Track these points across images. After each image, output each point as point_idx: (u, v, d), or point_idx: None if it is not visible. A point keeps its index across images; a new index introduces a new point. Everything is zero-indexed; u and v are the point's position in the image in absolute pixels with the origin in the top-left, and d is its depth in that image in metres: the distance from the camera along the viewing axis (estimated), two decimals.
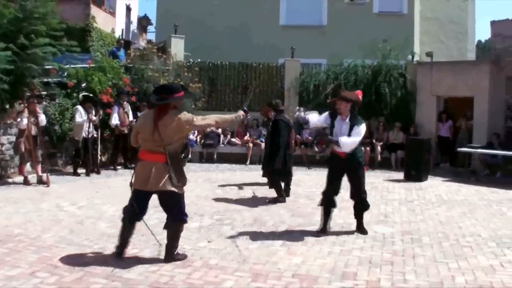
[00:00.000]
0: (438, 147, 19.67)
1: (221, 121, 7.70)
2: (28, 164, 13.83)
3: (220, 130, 19.99)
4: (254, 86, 18.94)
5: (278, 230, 9.22)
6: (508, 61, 18.39)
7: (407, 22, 26.36)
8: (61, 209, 10.46)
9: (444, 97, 20.19)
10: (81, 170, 15.23)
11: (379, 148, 18.74)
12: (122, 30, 32.67)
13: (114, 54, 19.80)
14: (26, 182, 13.32)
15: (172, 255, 7.24)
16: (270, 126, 12.68)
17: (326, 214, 9.10)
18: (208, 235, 8.63)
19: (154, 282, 6.36)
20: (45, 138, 14.72)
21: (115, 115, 16.20)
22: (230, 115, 7.84)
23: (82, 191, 12.53)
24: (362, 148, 10.61)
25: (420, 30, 28.26)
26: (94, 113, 15.38)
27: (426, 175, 16.17)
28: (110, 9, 30.88)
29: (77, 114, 15.09)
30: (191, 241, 8.21)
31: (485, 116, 18.27)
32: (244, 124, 20.31)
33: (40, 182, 13.42)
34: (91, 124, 15.19)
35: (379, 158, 18.79)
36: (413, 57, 21.19)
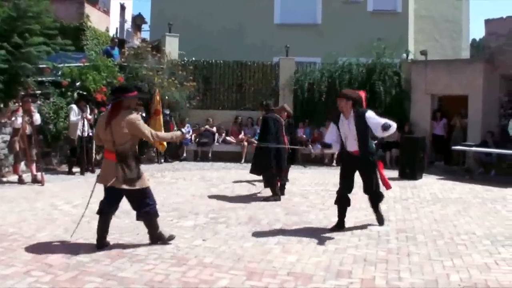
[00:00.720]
0: (432, 146, 19.71)
1: (170, 137, 8.84)
2: (22, 163, 13.84)
3: (214, 129, 20.01)
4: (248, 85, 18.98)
5: (273, 228, 9.21)
6: (502, 59, 18.42)
7: (402, 21, 26.41)
8: (55, 208, 10.46)
9: (438, 95, 20.22)
10: (75, 169, 15.21)
11: (374, 146, 18.75)
12: (116, 28, 32.65)
13: (108, 53, 19.79)
14: (21, 181, 13.30)
15: (155, 238, 7.82)
16: (260, 124, 12.78)
17: (341, 212, 9.16)
18: (202, 234, 8.62)
19: (149, 281, 6.35)
20: (39, 137, 14.71)
21: None
22: (171, 133, 9.00)
23: (76, 190, 12.51)
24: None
25: (414, 29, 28.30)
26: (89, 111, 15.35)
27: (420, 173, 16.19)
28: (104, 7, 30.87)
29: (71, 113, 15.07)
30: (186, 239, 8.20)
31: (479, 114, 18.31)
32: (238, 122, 20.37)
33: (34, 181, 13.41)
34: (86, 122, 15.16)
35: None
36: (407, 55, 21.21)
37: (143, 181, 7.61)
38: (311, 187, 13.87)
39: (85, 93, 16.01)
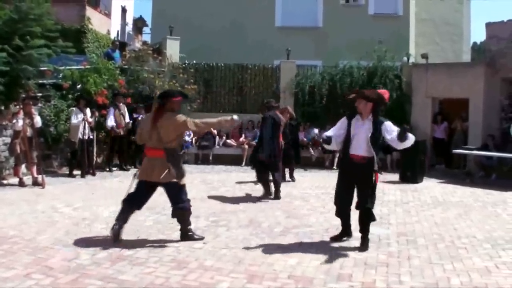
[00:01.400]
0: (433, 149, 19.72)
1: (214, 123, 8.88)
2: (23, 165, 13.83)
3: (215, 132, 20.00)
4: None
5: (273, 231, 9.20)
6: (503, 62, 18.42)
7: (403, 24, 26.42)
8: (56, 210, 10.44)
9: (439, 98, 20.21)
10: (76, 172, 15.21)
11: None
12: (118, 31, 32.70)
13: (110, 56, 19.77)
14: (21, 184, 13.30)
15: (186, 235, 8.35)
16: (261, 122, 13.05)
17: (344, 225, 8.59)
18: (203, 236, 8.62)
19: (150, 284, 6.35)
20: (40, 139, 14.71)
21: (111, 117, 16.18)
22: (218, 119, 8.67)
23: (77, 193, 12.51)
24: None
25: (415, 32, 28.29)
26: (89, 114, 15.34)
27: (421, 177, 16.19)
28: (106, 10, 30.90)
29: (72, 116, 15.06)
30: (187, 242, 8.19)
31: (480, 117, 18.30)
32: (238, 126, 20.36)
33: (35, 183, 13.39)
34: (87, 125, 15.15)
35: None
36: (408, 58, 21.24)
37: (184, 177, 8.35)
38: (312, 190, 13.87)
39: (85, 95, 15.97)
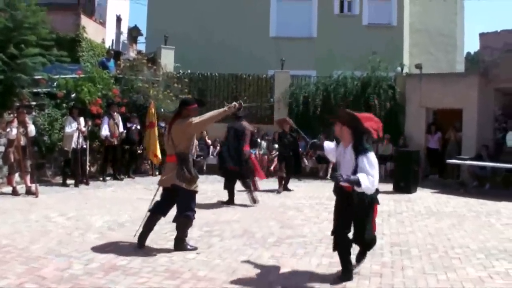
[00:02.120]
0: (427, 159, 19.75)
1: (215, 114, 8.83)
2: (16, 174, 13.79)
3: (209, 142, 20.00)
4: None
5: (267, 241, 9.19)
6: (496, 73, 18.49)
7: (397, 34, 26.53)
8: (49, 220, 10.41)
9: (433, 109, 20.27)
10: (70, 181, 15.18)
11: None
12: (112, 40, 32.65)
13: (104, 65, 19.78)
14: (15, 193, 13.26)
15: (180, 245, 8.35)
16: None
17: (343, 260, 7.16)
18: (197, 247, 8.61)
19: None
20: (34, 148, 14.68)
21: (105, 126, 16.17)
22: (215, 111, 9.01)
23: (71, 202, 12.49)
24: None
25: (409, 42, 28.42)
26: (83, 124, 15.32)
27: (415, 187, 16.21)
28: (101, 19, 30.85)
29: (66, 125, 15.03)
30: (180, 252, 8.18)
31: (474, 127, 18.35)
32: None
33: (28, 192, 13.36)
34: (81, 134, 15.13)
35: None
36: (402, 69, 21.29)
37: (196, 185, 8.46)
38: (306, 201, 13.87)
39: (79, 105, 15.93)
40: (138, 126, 17.57)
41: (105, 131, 16.15)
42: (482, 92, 18.43)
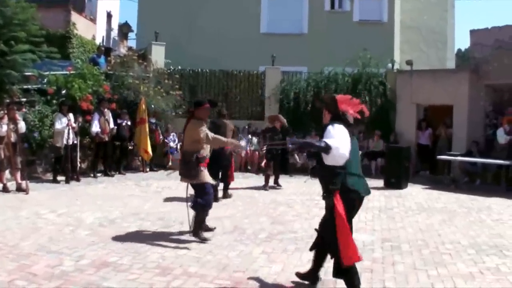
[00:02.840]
0: (418, 155, 19.78)
1: (224, 141, 9.52)
2: (7, 171, 13.73)
3: None
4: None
5: (258, 237, 9.20)
6: (487, 69, 18.52)
7: (387, 31, 26.54)
8: (40, 216, 10.38)
9: (424, 105, 20.29)
10: (60, 178, 15.13)
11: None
12: (103, 37, 32.60)
13: (95, 61, 19.69)
14: (5, 190, 13.21)
15: (195, 232, 8.90)
16: None
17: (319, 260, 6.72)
18: (188, 243, 8.60)
19: None
20: (24, 145, 14.60)
21: (96, 123, 16.10)
22: (228, 139, 9.87)
23: (61, 199, 12.45)
24: None
25: (400, 39, 28.42)
26: (73, 120, 15.26)
27: (406, 183, 16.24)
28: (91, 15, 30.78)
29: (57, 121, 14.97)
30: (171, 248, 8.18)
31: (464, 124, 18.38)
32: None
33: (19, 189, 13.30)
34: (71, 131, 15.07)
35: None
36: (393, 65, 21.30)
37: (202, 177, 8.91)
38: (297, 196, 13.87)
39: (69, 101, 15.86)
40: (129, 122, 17.51)
41: (95, 128, 16.09)
42: (473, 88, 18.46)
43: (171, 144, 19.45)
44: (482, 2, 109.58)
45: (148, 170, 18.29)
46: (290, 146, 6.91)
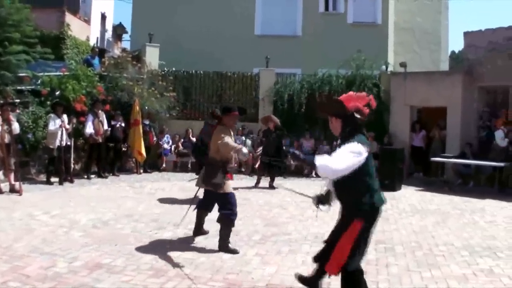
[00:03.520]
0: (411, 157, 19.81)
1: (234, 148, 8.69)
2: (0, 172, 13.70)
3: (194, 139, 19.94)
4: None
5: (251, 239, 9.20)
6: (480, 71, 18.58)
7: (381, 33, 26.56)
8: (33, 218, 10.35)
9: (417, 107, 20.35)
10: (54, 179, 15.09)
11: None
12: (97, 38, 32.55)
13: (89, 62, 19.65)
14: None
15: (223, 245, 8.42)
16: None
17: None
18: (181, 245, 8.60)
19: None
20: (18, 146, 14.55)
21: (90, 124, 16.08)
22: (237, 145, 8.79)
23: (55, 200, 12.42)
24: None
25: (394, 41, 28.45)
26: (67, 121, 15.22)
27: (399, 185, 16.26)
28: (85, 17, 30.73)
29: (50, 122, 14.94)
30: (165, 250, 8.17)
31: (458, 126, 18.42)
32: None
33: (12, 190, 13.27)
34: (65, 132, 15.04)
35: None
36: (387, 67, 21.34)
37: (226, 187, 8.56)
38: (291, 198, 13.84)
39: (63, 102, 15.83)
40: (123, 124, 17.49)
41: (89, 129, 16.06)
42: (466, 90, 18.50)
43: (165, 145, 19.45)
44: (476, 4, 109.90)
45: (142, 171, 18.27)
46: (292, 162, 6.62)
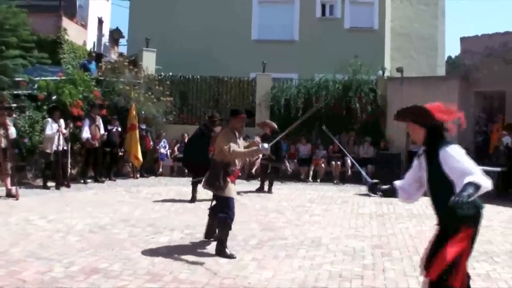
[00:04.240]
0: (408, 162, 19.80)
1: (248, 154, 8.97)
2: None
3: None
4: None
5: (248, 244, 9.19)
6: (477, 76, 18.61)
7: (378, 38, 26.61)
8: (30, 222, 10.33)
9: None
10: (50, 184, 15.07)
11: (350, 162, 18.77)
12: (94, 42, 32.50)
13: (85, 67, 19.64)
14: None
15: (220, 250, 8.33)
16: None
17: None
18: (178, 250, 8.58)
19: None
20: (14, 151, 14.54)
21: (86, 129, 16.06)
22: (248, 150, 8.82)
23: (51, 205, 12.40)
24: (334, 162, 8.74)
25: (391, 46, 28.52)
26: (63, 125, 15.20)
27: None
28: (82, 21, 30.71)
29: (47, 127, 14.91)
30: (161, 255, 8.15)
31: (454, 131, 18.40)
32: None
33: (9, 195, 13.23)
34: (61, 137, 15.02)
35: (350, 173, 18.86)
36: (383, 72, 21.39)
37: (227, 191, 8.46)
38: (287, 203, 13.86)
39: (60, 106, 15.82)
40: (119, 129, 17.49)
41: (86, 134, 16.04)
42: (463, 95, 18.54)
43: (162, 150, 19.43)
44: (472, 10, 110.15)
45: (138, 176, 18.26)
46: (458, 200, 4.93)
